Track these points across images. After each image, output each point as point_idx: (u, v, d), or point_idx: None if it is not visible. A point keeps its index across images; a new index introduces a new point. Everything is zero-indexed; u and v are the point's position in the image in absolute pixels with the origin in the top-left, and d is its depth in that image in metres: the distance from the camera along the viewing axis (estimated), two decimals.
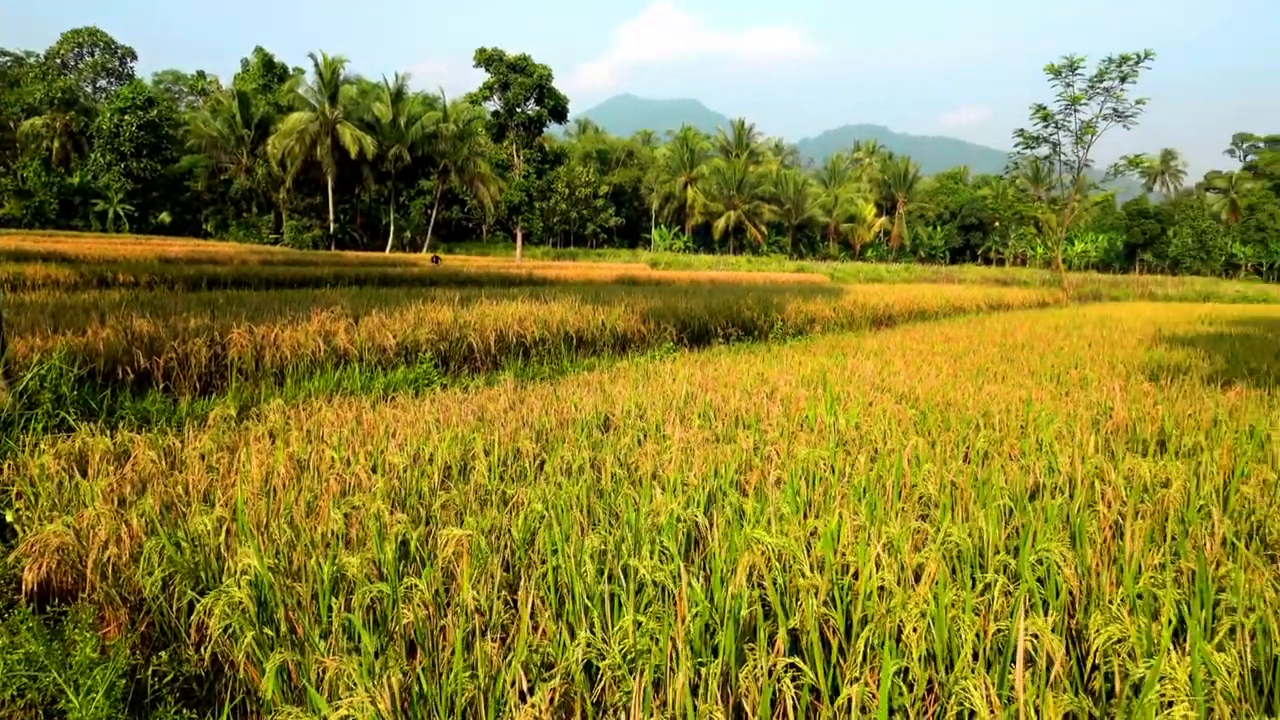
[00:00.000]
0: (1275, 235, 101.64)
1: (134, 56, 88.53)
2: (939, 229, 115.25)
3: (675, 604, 3.18)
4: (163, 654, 3.52)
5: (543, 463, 5.63)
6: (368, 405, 7.48)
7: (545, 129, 70.52)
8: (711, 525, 4.12)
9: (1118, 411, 7.25)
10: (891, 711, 2.77)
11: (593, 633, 3.14)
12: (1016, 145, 44.29)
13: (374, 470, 5.30)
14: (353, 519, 4.34)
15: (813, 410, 7.13)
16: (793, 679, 2.86)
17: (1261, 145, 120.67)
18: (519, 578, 3.73)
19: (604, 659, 2.88)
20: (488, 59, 64.86)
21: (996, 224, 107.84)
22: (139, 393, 8.55)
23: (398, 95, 71.12)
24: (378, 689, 2.69)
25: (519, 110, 66.48)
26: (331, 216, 69.82)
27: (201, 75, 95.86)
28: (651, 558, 3.59)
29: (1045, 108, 41.56)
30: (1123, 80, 38.61)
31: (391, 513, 4.39)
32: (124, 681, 3.30)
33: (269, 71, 77.74)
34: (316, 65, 67.57)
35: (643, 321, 15.17)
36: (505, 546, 4.03)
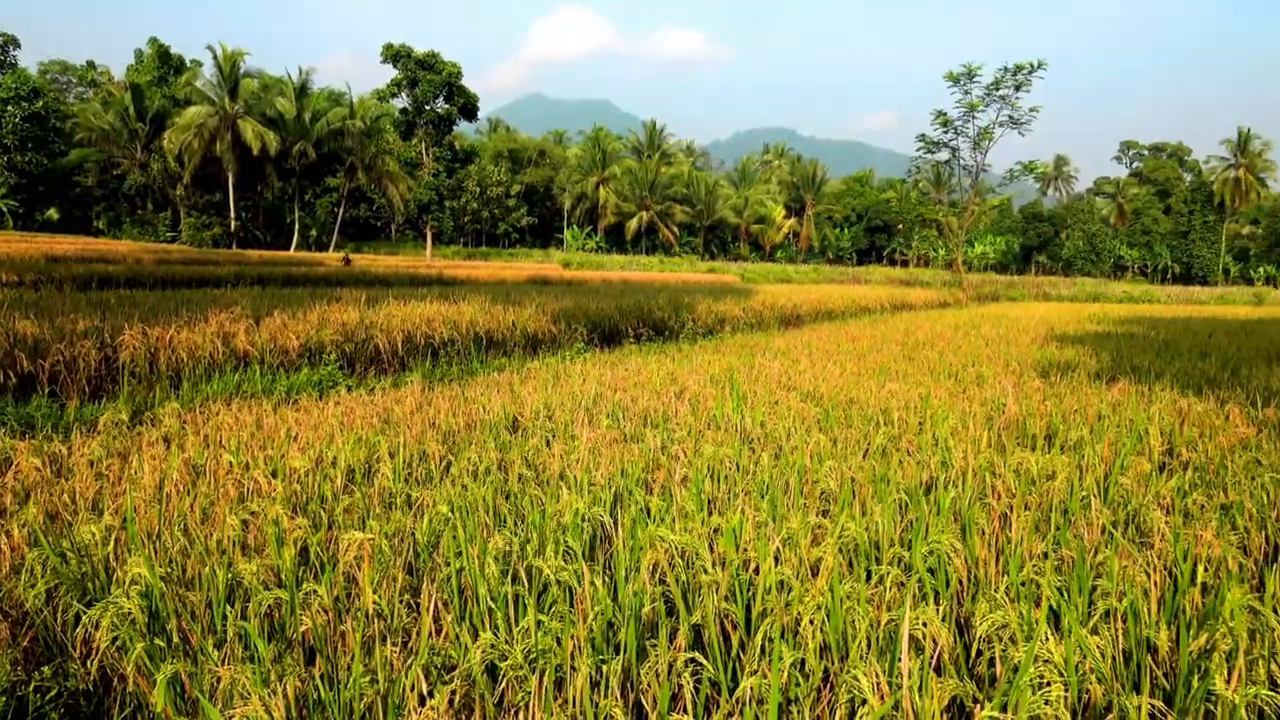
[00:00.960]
0: (1159, 238, 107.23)
1: (17, 45, 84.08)
2: (846, 231, 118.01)
3: (578, 603, 3.20)
4: (46, 669, 3.38)
5: (449, 465, 5.58)
6: (269, 408, 7.29)
7: (455, 127, 69.76)
8: (617, 524, 4.16)
9: (1010, 407, 7.55)
10: (789, 701, 2.85)
11: (496, 634, 3.15)
12: (919, 150, 45.82)
13: (274, 475, 5.18)
14: (251, 525, 4.23)
15: (720, 409, 7.24)
16: (694, 673, 2.92)
17: (1146, 152, 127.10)
18: (423, 581, 3.70)
19: (506, 659, 2.89)
20: (395, 55, 63.84)
21: (901, 226, 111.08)
22: (22, 397, 8.16)
23: (302, 90, 69.32)
24: (272, 697, 2.64)
25: (428, 108, 65.61)
26: (233, 214, 67.64)
27: (92, 66, 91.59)
28: (556, 557, 3.60)
29: (945, 114, 43.06)
30: (1017, 89, 40.27)
31: (292, 518, 4.29)
32: (3, 699, 3.16)
33: (164, 63, 74.68)
34: (215, 58, 65.35)
35: (554, 322, 15.15)
36: (409, 549, 3.99)
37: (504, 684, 2.87)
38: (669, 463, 5.50)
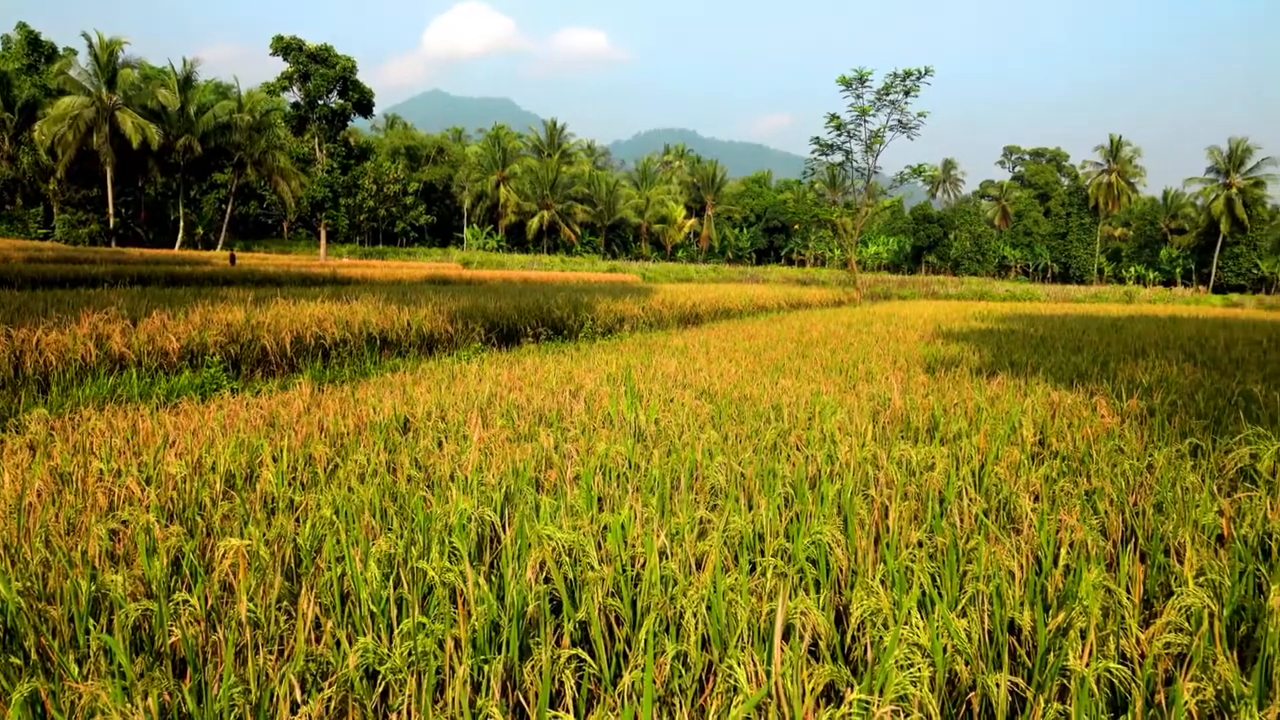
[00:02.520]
0: (1039, 239, 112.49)
1: None
2: (745, 231, 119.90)
3: (462, 604, 3.17)
4: None
5: (336, 467, 5.46)
6: (146, 413, 6.98)
7: (350, 123, 68.07)
8: (506, 524, 4.14)
9: (895, 402, 7.80)
10: (672, 693, 2.88)
11: (378, 638, 3.09)
12: (813, 152, 46.80)
13: (148, 482, 4.97)
14: (121, 535, 4.06)
15: (615, 407, 7.26)
16: (577, 670, 2.93)
17: (1027, 157, 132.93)
18: (302, 586, 3.61)
19: (385, 663, 2.84)
20: (285, 47, 61.93)
21: (797, 227, 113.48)
22: None
23: (186, 82, 66.53)
24: (135, 714, 2.54)
25: (321, 103, 63.85)
26: (111, 211, 64.41)
27: None
28: (442, 559, 3.56)
29: (838, 117, 44.08)
30: (906, 94, 41.53)
31: (166, 526, 4.13)
32: None
33: (35, 50, 70.60)
34: (91, 46, 62.10)
35: (451, 321, 14.95)
36: (290, 555, 3.89)
37: (382, 688, 2.82)
38: (561, 461, 5.49)
